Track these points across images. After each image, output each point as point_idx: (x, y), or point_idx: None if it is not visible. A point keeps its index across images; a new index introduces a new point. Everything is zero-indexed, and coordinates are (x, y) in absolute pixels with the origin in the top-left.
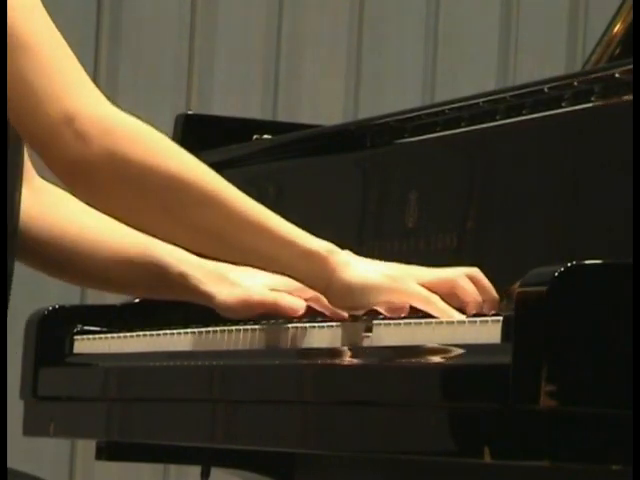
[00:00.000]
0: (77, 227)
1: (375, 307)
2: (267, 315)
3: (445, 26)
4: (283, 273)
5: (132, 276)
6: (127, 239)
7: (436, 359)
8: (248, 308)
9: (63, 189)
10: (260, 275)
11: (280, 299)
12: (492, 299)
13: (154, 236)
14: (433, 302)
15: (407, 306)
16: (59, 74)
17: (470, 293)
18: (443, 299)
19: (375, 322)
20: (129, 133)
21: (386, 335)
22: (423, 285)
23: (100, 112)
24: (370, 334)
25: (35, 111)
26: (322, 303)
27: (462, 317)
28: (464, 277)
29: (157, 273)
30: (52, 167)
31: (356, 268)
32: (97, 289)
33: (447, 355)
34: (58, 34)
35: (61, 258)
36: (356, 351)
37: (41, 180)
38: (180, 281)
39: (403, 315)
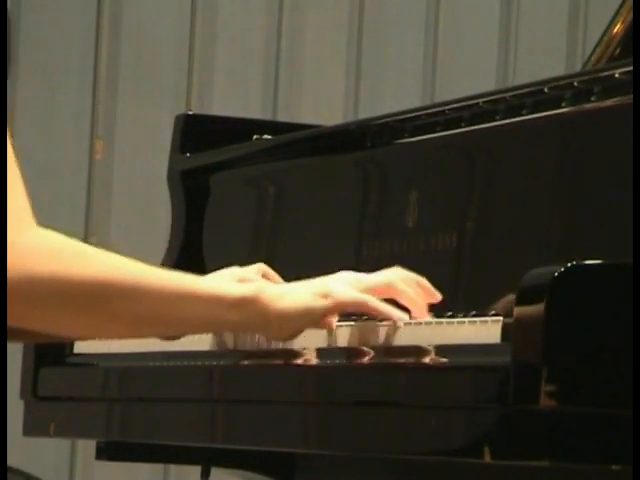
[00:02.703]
0: None
1: (316, 328)
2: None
3: (445, 26)
4: (220, 328)
5: None
6: None
7: (436, 359)
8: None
9: None
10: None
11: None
12: (434, 299)
13: (89, 338)
14: (369, 301)
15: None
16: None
17: (409, 296)
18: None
19: (375, 323)
20: (42, 253)
21: (385, 335)
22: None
23: (18, 242)
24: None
25: None
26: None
27: (462, 317)
28: (399, 281)
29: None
30: None
31: (287, 297)
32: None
33: (447, 355)
34: (12, 163)
35: None
36: (356, 351)
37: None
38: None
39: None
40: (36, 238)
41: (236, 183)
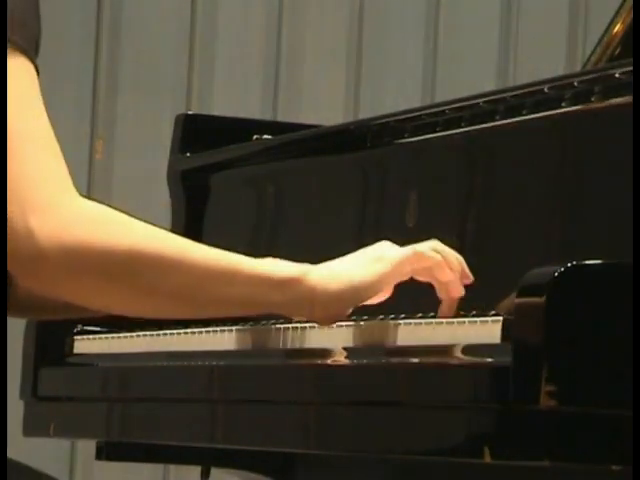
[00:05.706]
0: None
1: (369, 300)
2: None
3: (445, 26)
4: (261, 310)
5: None
6: None
7: (436, 359)
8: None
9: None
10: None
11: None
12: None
13: (126, 313)
14: (437, 256)
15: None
16: (26, 172)
17: (449, 277)
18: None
19: (374, 322)
20: (85, 221)
21: (385, 335)
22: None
23: (57, 207)
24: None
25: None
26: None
27: (462, 317)
28: (442, 262)
29: None
30: (9, 264)
31: (337, 274)
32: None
33: (447, 355)
34: (45, 131)
35: None
36: (356, 351)
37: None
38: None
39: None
40: (81, 207)
41: (236, 183)
